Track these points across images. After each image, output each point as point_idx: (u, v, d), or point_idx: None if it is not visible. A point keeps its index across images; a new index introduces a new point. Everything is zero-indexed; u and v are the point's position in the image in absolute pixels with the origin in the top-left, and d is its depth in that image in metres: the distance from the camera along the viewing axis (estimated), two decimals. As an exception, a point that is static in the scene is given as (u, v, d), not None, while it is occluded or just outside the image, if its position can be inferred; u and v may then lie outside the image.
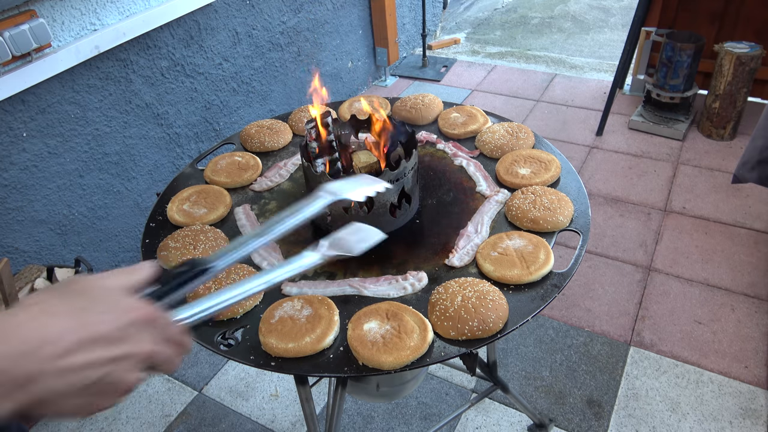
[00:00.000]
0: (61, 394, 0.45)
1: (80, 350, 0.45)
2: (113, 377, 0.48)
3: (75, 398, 0.46)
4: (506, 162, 1.21)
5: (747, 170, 1.95)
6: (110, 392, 0.48)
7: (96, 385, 0.47)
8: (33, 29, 1.64)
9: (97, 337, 0.47)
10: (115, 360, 0.48)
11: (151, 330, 0.51)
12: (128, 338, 0.49)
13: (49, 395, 0.44)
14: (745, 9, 2.86)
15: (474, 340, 0.85)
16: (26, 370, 0.42)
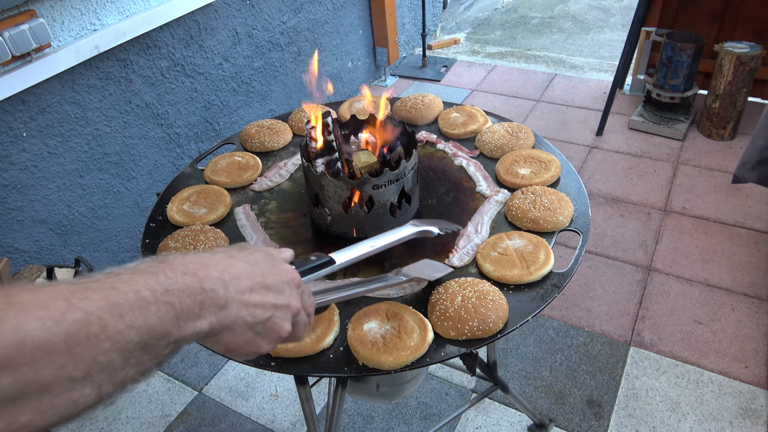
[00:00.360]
0: (240, 324, 0.54)
1: (256, 292, 0.56)
2: (274, 321, 0.58)
3: (247, 332, 0.56)
4: (506, 162, 1.21)
5: (747, 170, 1.95)
6: (270, 335, 0.59)
7: (262, 324, 0.57)
8: (33, 29, 1.64)
9: (267, 285, 0.57)
10: (277, 307, 0.58)
11: (298, 293, 0.63)
12: (285, 293, 0.60)
13: (232, 322, 0.53)
14: (745, 9, 2.86)
15: (474, 340, 0.85)
16: (224, 297, 0.52)
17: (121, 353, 0.42)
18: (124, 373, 0.43)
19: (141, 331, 0.43)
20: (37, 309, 0.38)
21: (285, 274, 0.61)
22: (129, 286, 0.44)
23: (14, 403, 0.37)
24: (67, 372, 0.39)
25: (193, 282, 0.49)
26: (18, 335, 0.37)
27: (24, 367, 0.37)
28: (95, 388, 0.41)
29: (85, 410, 0.42)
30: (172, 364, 1.96)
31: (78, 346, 0.39)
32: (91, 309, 0.41)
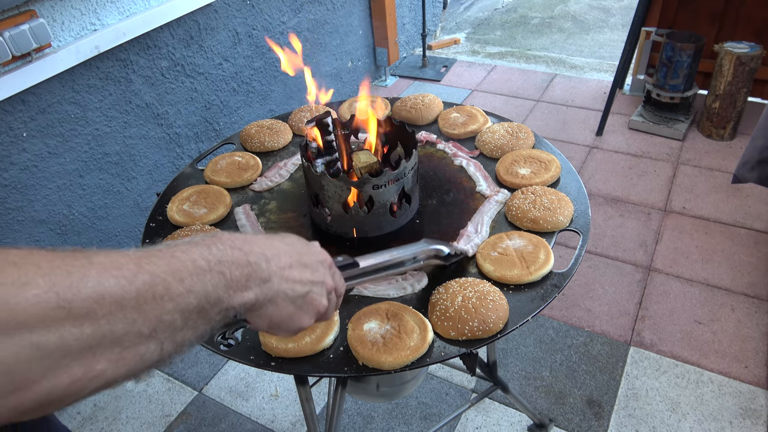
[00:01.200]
0: (282, 297, 0.59)
1: (294, 268, 0.61)
2: (312, 296, 0.63)
3: (288, 305, 0.60)
4: (506, 162, 1.21)
5: (747, 170, 1.95)
6: (309, 309, 0.64)
7: (302, 298, 0.62)
8: (33, 29, 1.64)
9: (304, 263, 0.63)
10: (314, 283, 0.64)
11: (331, 273, 0.69)
12: (320, 271, 0.65)
13: (274, 295, 0.58)
14: (745, 9, 2.86)
15: (474, 340, 0.85)
16: (266, 270, 0.57)
17: (182, 315, 0.47)
18: (183, 335, 0.48)
19: (198, 295, 0.49)
20: (113, 269, 0.43)
21: (319, 254, 0.67)
22: (187, 256, 0.50)
23: (92, 352, 0.41)
24: (137, 327, 0.44)
25: (240, 255, 0.54)
26: (98, 290, 0.41)
27: (102, 320, 0.41)
28: (158, 346, 0.46)
29: (148, 367, 0.47)
30: (172, 363, 1.96)
31: (146, 304, 0.44)
32: (157, 272, 0.46)
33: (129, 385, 1.90)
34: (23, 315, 0.36)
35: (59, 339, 0.38)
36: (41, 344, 0.37)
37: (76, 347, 0.40)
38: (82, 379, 0.41)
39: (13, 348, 0.36)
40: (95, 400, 1.86)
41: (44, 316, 0.37)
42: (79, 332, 0.40)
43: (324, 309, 0.66)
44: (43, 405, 0.39)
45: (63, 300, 0.39)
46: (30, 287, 0.37)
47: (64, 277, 0.39)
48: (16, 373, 0.36)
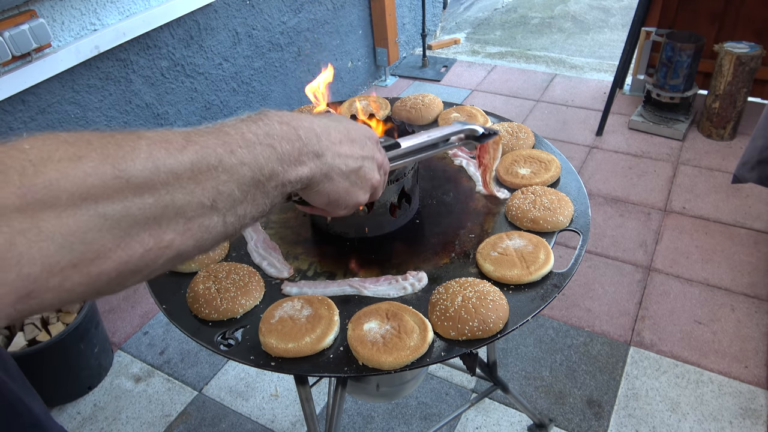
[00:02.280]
0: (337, 172, 0.60)
1: (344, 143, 0.62)
2: (365, 170, 0.65)
3: (343, 180, 0.62)
4: (506, 162, 1.21)
5: (747, 170, 1.95)
6: (364, 183, 0.65)
7: (355, 173, 0.63)
8: (33, 29, 1.64)
9: (353, 138, 0.63)
10: (365, 158, 0.65)
11: (378, 148, 0.69)
12: (368, 146, 0.66)
13: (329, 170, 0.59)
14: (745, 9, 2.86)
15: (474, 340, 0.85)
16: (319, 147, 0.57)
17: (239, 186, 0.48)
18: (243, 208, 0.50)
19: (252, 167, 0.49)
20: (163, 142, 0.44)
21: (365, 130, 0.68)
22: (235, 130, 0.50)
23: (157, 223, 0.42)
24: (197, 198, 0.45)
25: (289, 130, 0.54)
26: (152, 161, 0.42)
27: (161, 189, 0.42)
28: (221, 218, 0.47)
29: (216, 239, 0.48)
30: (172, 364, 1.96)
31: (201, 174, 0.45)
32: (207, 144, 0.47)
33: (129, 385, 1.90)
34: (83, 186, 0.38)
35: (123, 208, 0.40)
36: (107, 214, 0.39)
37: (141, 217, 0.41)
38: (154, 248, 0.42)
39: (83, 218, 0.37)
40: (95, 400, 1.86)
41: (104, 186, 0.39)
42: (141, 202, 0.41)
43: (378, 183, 0.67)
44: (123, 273, 0.41)
45: (119, 170, 0.40)
46: (85, 160, 0.38)
47: (115, 150, 0.40)
48: (92, 242, 0.38)
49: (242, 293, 0.94)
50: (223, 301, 0.92)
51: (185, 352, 2.00)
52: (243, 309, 0.93)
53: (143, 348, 2.03)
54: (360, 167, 0.64)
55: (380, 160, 0.69)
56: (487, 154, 1.09)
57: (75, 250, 0.37)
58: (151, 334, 2.08)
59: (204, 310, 0.91)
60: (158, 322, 2.12)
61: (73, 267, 0.37)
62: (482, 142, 0.98)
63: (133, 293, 2.23)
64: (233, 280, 0.95)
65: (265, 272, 1.01)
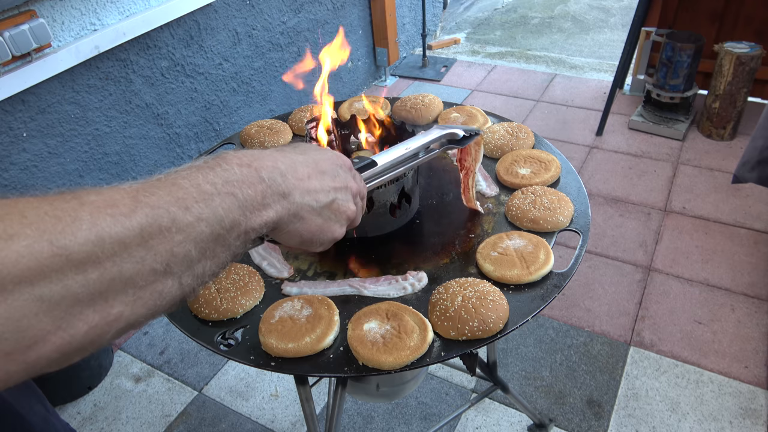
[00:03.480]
0: (307, 210, 0.57)
1: (313, 178, 0.58)
2: (338, 204, 0.61)
3: (315, 217, 0.58)
4: (506, 162, 1.21)
5: (747, 170, 1.95)
6: (339, 216, 0.62)
7: (328, 208, 0.60)
8: (33, 29, 1.64)
9: (322, 170, 0.60)
10: (337, 189, 0.61)
11: (352, 175, 0.65)
12: (341, 176, 0.63)
13: (298, 209, 0.56)
14: (745, 9, 2.86)
15: (474, 340, 0.85)
16: (284, 186, 0.54)
17: (196, 245, 0.44)
18: (202, 266, 0.46)
19: (210, 222, 0.46)
20: (108, 207, 0.40)
21: (336, 158, 0.64)
22: (189, 182, 0.46)
23: (104, 297, 0.39)
24: (148, 265, 0.41)
25: (250, 172, 0.51)
26: (95, 232, 0.38)
27: (107, 262, 0.39)
28: (176, 281, 0.44)
29: (172, 303, 0.44)
30: (172, 364, 1.96)
31: (152, 239, 0.41)
32: (158, 204, 0.43)
33: (129, 385, 1.90)
34: (17, 269, 0.34)
35: (64, 288, 0.36)
36: (45, 296, 0.35)
37: (84, 294, 0.38)
38: (100, 324, 0.39)
39: (16, 304, 0.34)
40: (95, 400, 1.86)
41: (41, 266, 0.35)
42: (83, 279, 0.37)
43: (353, 214, 0.64)
44: (66, 353, 0.38)
45: (57, 247, 0.36)
46: (18, 239, 0.35)
47: (53, 223, 0.37)
48: (27, 329, 0.35)
49: (242, 293, 0.94)
50: (223, 301, 0.92)
51: (185, 352, 2.00)
52: (243, 309, 0.93)
53: (143, 348, 2.03)
54: (333, 200, 0.60)
55: (355, 189, 0.65)
56: (469, 156, 1.06)
57: (7, 339, 0.34)
58: (151, 334, 2.08)
59: (204, 310, 0.91)
60: (158, 322, 2.12)
61: (5, 356, 0.34)
62: (464, 145, 0.96)
63: (133, 293, 2.23)
64: (233, 280, 0.95)
65: (265, 272, 1.01)
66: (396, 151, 0.82)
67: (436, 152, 0.92)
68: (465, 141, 0.95)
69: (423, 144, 0.88)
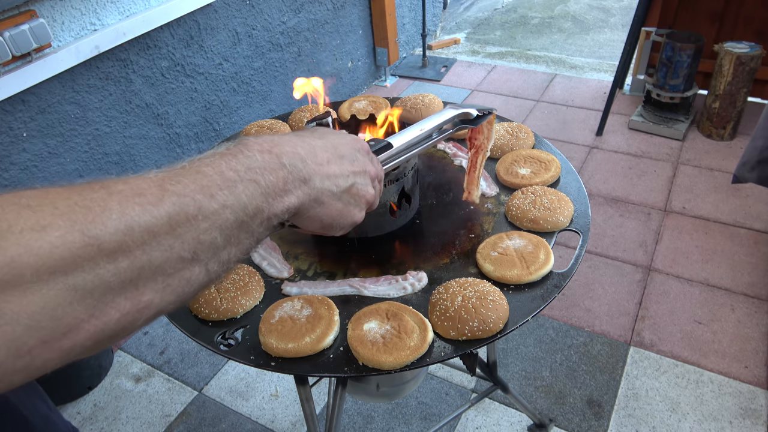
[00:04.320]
0: (327, 195, 0.57)
1: (333, 162, 0.58)
2: (357, 187, 0.61)
3: (336, 202, 0.58)
4: (506, 162, 1.21)
5: (747, 170, 1.95)
6: (358, 201, 0.62)
7: (347, 192, 0.60)
8: (33, 29, 1.64)
9: (341, 154, 0.60)
10: (356, 173, 0.61)
11: (370, 159, 0.66)
12: (359, 160, 0.63)
13: (319, 194, 0.56)
14: (745, 9, 2.86)
15: (474, 340, 0.85)
16: (305, 172, 0.54)
17: (221, 231, 0.45)
18: (227, 252, 0.46)
19: (235, 209, 0.46)
20: (135, 196, 0.40)
21: (354, 142, 0.64)
22: (213, 169, 0.46)
23: (134, 285, 0.39)
24: (176, 252, 0.42)
25: (271, 159, 0.51)
26: (124, 222, 0.39)
27: (137, 251, 0.39)
28: (203, 267, 0.44)
29: (199, 289, 0.45)
30: (172, 364, 1.96)
31: (180, 227, 0.42)
32: (184, 192, 0.43)
33: (129, 385, 1.90)
34: (51, 259, 0.35)
35: (96, 277, 0.37)
36: (79, 285, 0.36)
37: (116, 282, 0.38)
38: (131, 311, 0.40)
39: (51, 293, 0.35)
40: (95, 400, 1.86)
41: (74, 256, 0.36)
42: (114, 267, 0.38)
43: (372, 198, 0.64)
44: (100, 341, 0.39)
45: (89, 237, 0.37)
46: (51, 229, 0.35)
47: (84, 213, 0.37)
48: (63, 317, 0.36)
49: (242, 293, 0.94)
50: (223, 301, 0.92)
51: (185, 352, 2.00)
52: (243, 309, 0.93)
53: (143, 348, 2.03)
54: (352, 185, 0.60)
55: (373, 173, 0.65)
56: (481, 134, 1.04)
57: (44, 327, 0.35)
58: (151, 334, 2.08)
59: (204, 310, 0.91)
60: (158, 322, 2.12)
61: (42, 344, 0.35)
62: (477, 124, 0.95)
63: (133, 293, 2.23)
64: (233, 280, 0.95)
65: (265, 272, 1.01)
66: (410, 132, 0.83)
67: (449, 132, 0.91)
68: (478, 120, 0.95)
69: (437, 124, 0.88)
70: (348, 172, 0.60)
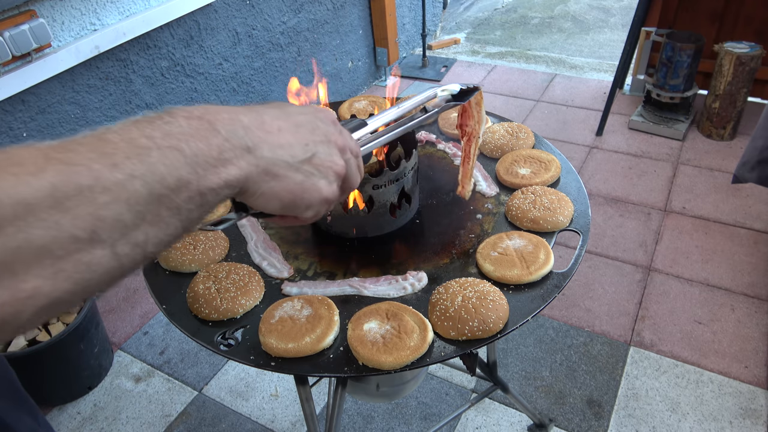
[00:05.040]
0: (282, 166, 0.49)
1: (286, 131, 0.51)
2: (321, 157, 0.53)
3: (294, 173, 0.51)
4: (506, 162, 1.21)
5: (747, 170, 1.95)
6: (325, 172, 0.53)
7: (309, 163, 0.52)
8: (33, 29, 1.64)
9: (297, 123, 0.53)
10: (318, 142, 0.53)
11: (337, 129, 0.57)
12: (321, 128, 0.55)
13: (270, 165, 0.48)
14: (745, 9, 2.86)
15: (474, 340, 0.85)
16: (248, 140, 0.47)
17: (129, 207, 0.38)
18: (143, 233, 0.39)
19: (147, 180, 0.39)
20: (12, 166, 0.34)
21: (316, 111, 0.56)
22: (120, 136, 0.39)
23: (10, 270, 0.33)
24: (66, 230, 0.35)
25: (200, 125, 0.43)
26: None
27: (8, 228, 0.33)
28: (108, 249, 0.37)
29: (109, 276, 0.38)
30: (172, 364, 1.96)
31: (68, 200, 0.35)
32: (76, 160, 0.36)
33: (129, 385, 1.90)
34: None
35: None
36: None
37: None
38: (11, 302, 0.33)
39: None
40: (95, 400, 1.86)
41: None
42: None
43: (343, 169, 0.55)
44: None
45: None
46: None
47: None
48: None
49: (242, 293, 0.94)
50: (223, 301, 0.92)
51: (185, 352, 2.00)
52: (243, 309, 0.93)
53: (143, 348, 2.03)
54: (313, 155, 0.52)
55: (341, 142, 0.56)
56: (471, 118, 0.97)
57: None
58: (151, 334, 2.08)
59: (204, 310, 0.91)
60: (158, 322, 2.12)
61: None
62: (465, 100, 0.88)
63: (133, 293, 2.23)
64: (233, 280, 0.95)
65: (265, 272, 1.01)
66: (388, 112, 0.78)
67: (437, 111, 0.87)
68: (465, 96, 0.88)
69: (417, 102, 0.84)
70: (306, 140, 0.52)
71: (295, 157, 0.50)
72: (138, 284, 2.26)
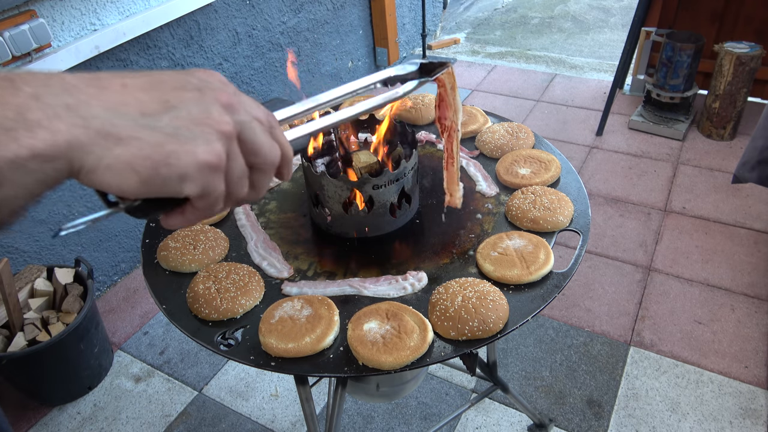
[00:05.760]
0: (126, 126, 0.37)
1: (135, 88, 0.39)
2: (190, 111, 0.40)
3: (150, 133, 0.38)
4: (506, 162, 1.21)
5: (747, 170, 1.95)
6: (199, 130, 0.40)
7: (174, 119, 0.39)
8: (33, 29, 1.64)
9: (158, 80, 0.40)
10: (184, 98, 0.40)
11: (227, 87, 0.44)
12: (193, 83, 0.42)
13: (107, 125, 0.36)
14: (745, 9, 2.86)
15: (474, 340, 0.85)
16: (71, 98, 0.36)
17: None
18: None
19: None
20: None
21: (194, 71, 0.44)
22: None
23: None
24: None
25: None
26: None
27: None
28: None
29: None
30: (172, 364, 1.96)
31: None
32: None
33: (129, 385, 1.90)
34: None
35: None
36: None
37: None
38: None
39: None
40: (95, 400, 1.86)
41: None
42: None
43: (231, 128, 0.41)
44: None
45: None
46: None
47: None
48: None
49: (242, 293, 0.94)
50: (223, 301, 0.92)
51: (185, 352, 2.00)
52: (243, 309, 0.93)
53: (143, 348, 2.03)
54: (174, 109, 0.39)
55: (226, 99, 0.42)
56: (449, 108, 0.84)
57: None
58: (151, 334, 2.08)
59: (204, 310, 0.91)
60: (158, 322, 2.12)
61: None
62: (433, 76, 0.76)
63: (133, 293, 2.23)
64: (233, 280, 0.95)
65: (265, 272, 1.01)
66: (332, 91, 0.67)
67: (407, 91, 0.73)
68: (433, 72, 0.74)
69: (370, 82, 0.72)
70: (166, 96, 0.40)
71: (147, 114, 0.38)
72: (138, 284, 2.26)
